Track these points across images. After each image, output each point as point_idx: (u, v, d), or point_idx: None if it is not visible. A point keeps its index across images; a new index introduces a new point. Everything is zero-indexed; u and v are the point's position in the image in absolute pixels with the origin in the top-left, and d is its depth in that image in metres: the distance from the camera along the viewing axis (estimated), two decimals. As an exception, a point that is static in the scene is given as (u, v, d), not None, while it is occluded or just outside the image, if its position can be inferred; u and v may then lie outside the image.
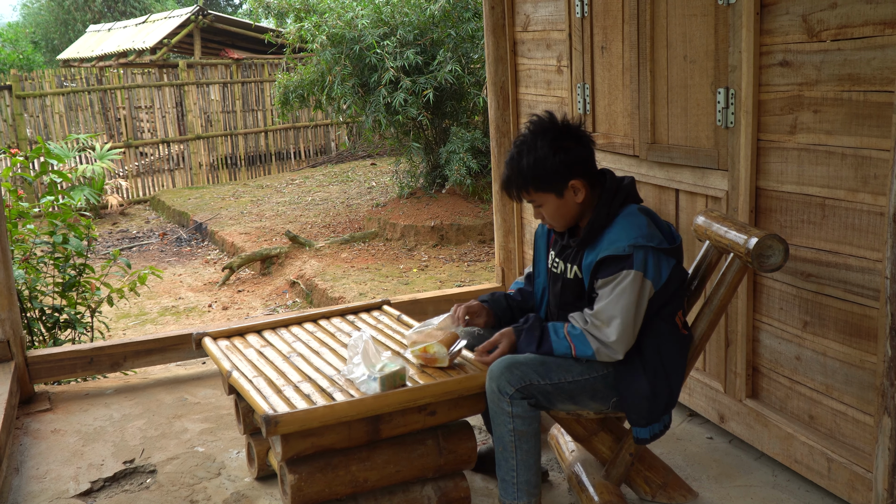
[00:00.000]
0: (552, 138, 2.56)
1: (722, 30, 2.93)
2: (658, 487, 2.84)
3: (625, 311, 2.46)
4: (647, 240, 2.48)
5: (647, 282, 2.48)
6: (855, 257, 2.57)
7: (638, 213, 2.57)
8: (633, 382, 2.55)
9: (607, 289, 2.49)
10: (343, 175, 13.69)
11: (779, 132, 2.80)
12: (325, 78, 9.05)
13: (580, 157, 2.58)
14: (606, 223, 2.56)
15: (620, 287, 2.46)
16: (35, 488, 3.16)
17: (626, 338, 2.49)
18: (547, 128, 2.59)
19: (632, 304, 2.46)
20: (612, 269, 2.48)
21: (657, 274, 2.50)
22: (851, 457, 2.66)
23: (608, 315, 2.48)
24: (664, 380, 2.55)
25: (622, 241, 2.48)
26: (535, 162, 2.54)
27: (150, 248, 10.79)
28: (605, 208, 2.57)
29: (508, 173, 2.62)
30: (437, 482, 2.80)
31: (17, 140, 12.87)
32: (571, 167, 2.55)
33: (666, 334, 2.57)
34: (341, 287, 7.33)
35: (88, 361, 4.09)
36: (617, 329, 2.47)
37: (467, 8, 8.68)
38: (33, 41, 27.91)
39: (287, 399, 2.56)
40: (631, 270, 2.45)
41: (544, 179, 2.56)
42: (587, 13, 3.70)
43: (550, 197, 2.59)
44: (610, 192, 2.59)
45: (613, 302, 2.47)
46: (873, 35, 2.39)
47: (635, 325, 2.49)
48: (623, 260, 2.47)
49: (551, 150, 2.54)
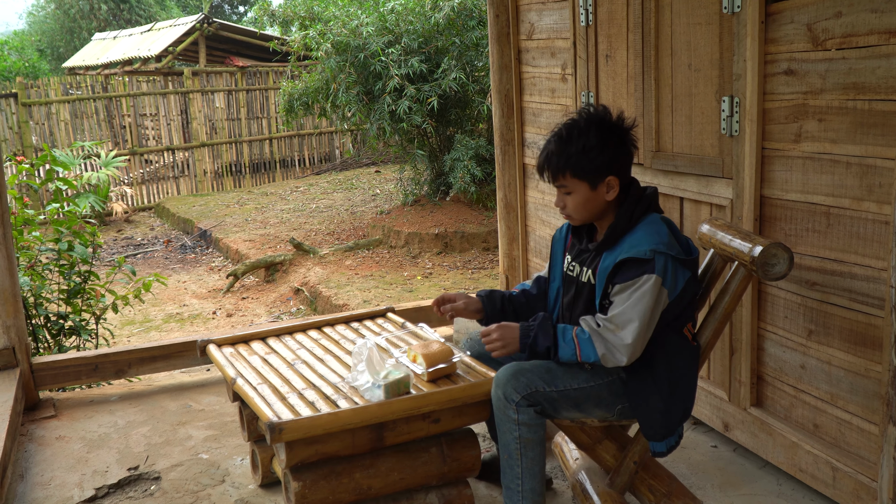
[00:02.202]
0: (606, 131, 2.53)
1: (726, 38, 2.93)
2: (662, 496, 2.83)
3: (642, 316, 2.42)
4: (668, 248, 2.46)
5: (664, 290, 2.45)
6: (860, 266, 2.57)
7: (660, 221, 2.55)
8: (648, 398, 2.53)
9: (626, 293, 2.45)
10: (347, 182, 13.71)
11: (783, 141, 2.80)
12: (330, 86, 9.08)
13: (625, 156, 2.57)
14: (628, 228, 2.53)
15: (640, 291, 2.42)
16: (40, 495, 3.16)
17: (638, 343, 2.44)
18: (602, 119, 2.56)
19: (649, 310, 2.42)
20: (633, 272, 2.45)
21: (674, 283, 2.47)
22: (856, 466, 2.65)
23: (626, 318, 2.43)
24: (678, 393, 2.54)
25: (644, 244, 2.45)
26: (584, 149, 2.51)
27: (154, 255, 10.81)
28: (629, 214, 2.54)
29: (551, 151, 2.57)
30: (441, 490, 2.80)
31: (22, 147, 12.91)
32: (614, 163, 2.53)
33: (677, 347, 2.55)
34: (345, 294, 7.33)
35: (93, 368, 4.09)
36: (633, 333, 2.42)
37: (472, 16, 8.70)
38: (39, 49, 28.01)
39: (291, 406, 2.56)
40: (652, 275, 2.42)
41: (585, 168, 2.52)
42: (592, 21, 3.71)
43: (584, 186, 2.55)
44: (634, 198, 2.56)
45: (632, 306, 2.42)
46: (878, 44, 2.40)
47: (648, 331, 2.45)
48: (644, 264, 2.44)
49: (601, 142, 2.51)
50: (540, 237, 4.56)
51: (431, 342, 2.81)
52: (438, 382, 2.69)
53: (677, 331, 2.55)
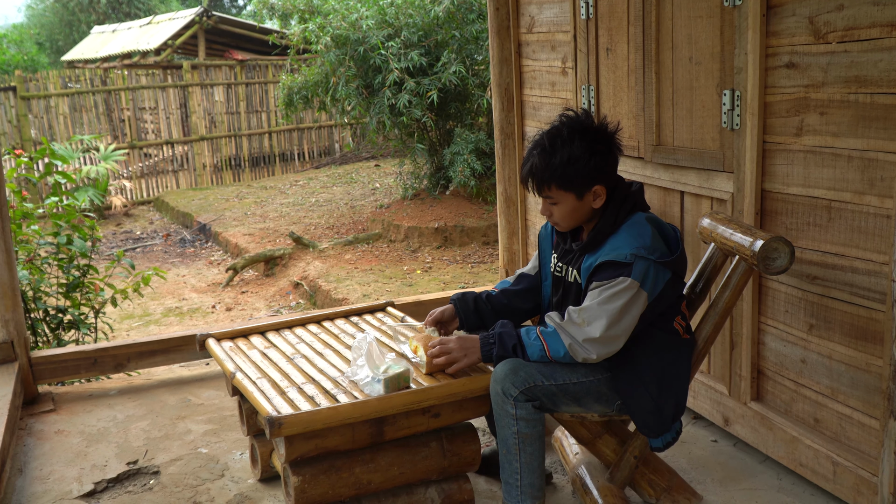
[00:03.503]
0: (591, 140, 2.49)
1: (728, 31, 2.92)
2: (662, 491, 2.83)
3: (611, 315, 2.39)
4: (649, 252, 2.43)
5: (642, 293, 2.42)
6: (861, 260, 2.56)
7: (644, 222, 2.52)
8: (638, 398, 2.53)
9: (597, 290, 2.43)
10: (347, 176, 13.70)
11: (785, 134, 2.79)
12: (330, 79, 9.06)
13: (611, 163, 2.53)
14: (612, 231, 2.51)
15: (612, 291, 2.40)
16: (38, 489, 3.16)
17: (607, 341, 2.42)
18: (585, 127, 2.51)
19: (619, 310, 2.39)
20: (609, 273, 2.43)
21: (653, 286, 2.45)
22: (857, 461, 2.65)
23: (593, 314, 2.41)
24: (668, 391, 2.53)
25: (625, 248, 2.44)
26: (569, 160, 2.46)
27: (153, 249, 10.80)
28: (613, 216, 2.52)
29: (535, 164, 2.52)
30: (441, 484, 2.79)
31: (21, 141, 12.89)
32: (600, 172, 2.50)
33: (664, 344, 2.54)
34: (345, 288, 7.33)
35: (92, 362, 4.09)
36: (600, 328, 2.39)
37: (472, 9, 8.68)
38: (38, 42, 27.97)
39: (291, 401, 2.56)
40: (628, 279, 2.40)
41: (572, 179, 2.48)
42: (592, 15, 3.70)
43: (570, 197, 2.52)
44: (619, 200, 2.53)
45: (602, 303, 2.41)
46: (880, 37, 2.38)
47: (621, 331, 2.42)
48: (622, 267, 2.42)
49: (587, 152, 2.46)
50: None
51: (432, 335, 2.80)
52: (438, 376, 2.68)
53: (663, 327, 2.54)
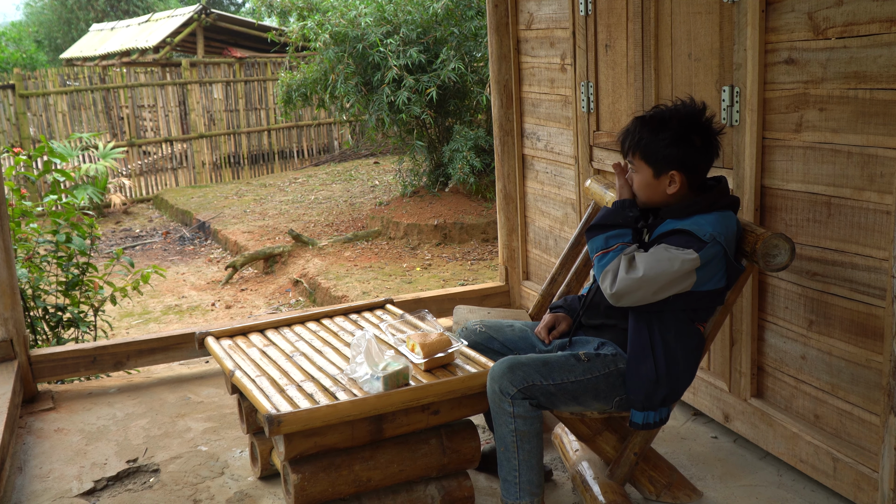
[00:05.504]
0: (686, 128, 2.52)
1: (727, 28, 2.92)
2: (663, 487, 2.83)
3: (657, 273, 2.41)
4: (728, 245, 2.46)
5: (694, 274, 2.43)
6: (861, 256, 2.56)
7: (737, 222, 2.55)
8: (642, 363, 2.53)
9: (662, 247, 2.45)
10: (346, 174, 13.69)
11: (784, 130, 2.78)
12: (329, 76, 9.04)
13: (697, 159, 2.55)
14: (704, 210, 2.52)
15: (674, 255, 2.42)
16: (38, 487, 3.16)
17: (631, 290, 2.44)
18: (689, 114, 2.55)
19: (666, 275, 2.41)
20: (682, 241, 2.45)
21: (708, 276, 2.46)
22: (857, 456, 2.65)
23: (641, 264, 2.43)
24: (672, 375, 2.54)
25: (708, 227, 2.45)
26: (657, 136, 2.52)
27: (153, 246, 10.79)
28: (710, 200, 2.53)
29: (629, 129, 2.60)
30: (441, 481, 2.79)
31: (20, 139, 12.87)
32: (681, 161, 2.52)
33: (690, 335, 2.56)
34: (344, 286, 7.32)
35: (92, 360, 4.08)
36: (633, 277, 2.42)
37: (470, 6, 8.66)
38: (36, 40, 27.93)
39: (290, 398, 2.55)
40: (696, 253, 2.41)
41: (652, 154, 2.54)
42: (591, 11, 3.69)
43: (648, 172, 2.56)
44: (721, 191, 2.56)
45: (654, 260, 2.43)
46: (880, 32, 2.38)
47: (652, 291, 2.44)
48: (697, 241, 2.43)
49: (677, 136, 2.51)
50: (539, 228, 4.55)
51: (429, 332, 2.81)
52: (436, 373, 2.68)
53: (692, 322, 2.55)
